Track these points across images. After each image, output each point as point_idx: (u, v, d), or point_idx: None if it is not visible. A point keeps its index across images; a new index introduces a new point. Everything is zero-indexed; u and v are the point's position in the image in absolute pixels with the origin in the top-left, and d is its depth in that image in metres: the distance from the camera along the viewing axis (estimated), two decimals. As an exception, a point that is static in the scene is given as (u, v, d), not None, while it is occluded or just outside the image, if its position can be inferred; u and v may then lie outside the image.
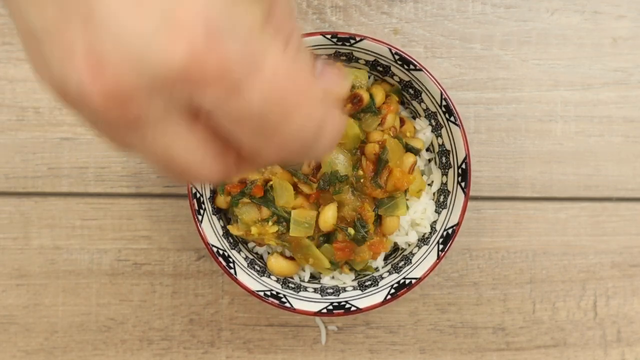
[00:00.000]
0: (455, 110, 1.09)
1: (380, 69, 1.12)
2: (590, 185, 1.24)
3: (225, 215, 1.15)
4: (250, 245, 1.16)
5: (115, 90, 0.53)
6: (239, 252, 1.13)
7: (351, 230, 1.08)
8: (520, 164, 1.24)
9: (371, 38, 1.09)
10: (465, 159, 1.10)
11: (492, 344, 1.24)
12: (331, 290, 1.13)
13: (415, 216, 1.13)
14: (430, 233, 1.13)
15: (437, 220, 1.13)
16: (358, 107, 1.08)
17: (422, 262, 1.11)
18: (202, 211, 1.10)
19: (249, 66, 0.55)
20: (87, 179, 1.23)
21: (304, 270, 1.15)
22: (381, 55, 1.10)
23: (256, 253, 1.16)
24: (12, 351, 1.23)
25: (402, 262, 1.13)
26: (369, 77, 1.14)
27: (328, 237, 1.10)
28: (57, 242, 1.23)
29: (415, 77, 1.10)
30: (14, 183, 1.23)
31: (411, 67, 1.09)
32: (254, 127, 0.58)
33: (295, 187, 1.08)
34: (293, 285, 1.13)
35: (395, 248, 1.17)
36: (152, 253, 1.23)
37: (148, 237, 1.23)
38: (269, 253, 1.15)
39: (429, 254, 1.11)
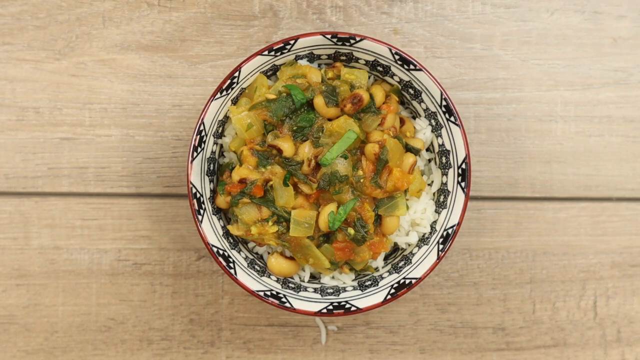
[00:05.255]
0: (455, 110, 1.10)
1: (380, 69, 1.12)
2: (590, 185, 1.24)
3: (225, 215, 1.15)
4: (250, 245, 1.16)
5: None
6: (239, 252, 1.13)
7: (351, 230, 1.08)
8: (520, 164, 1.24)
9: (371, 38, 1.09)
10: (465, 159, 1.10)
11: (492, 344, 1.24)
12: (331, 290, 1.13)
13: (415, 216, 1.13)
14: (430, 233, 1.13)
15: (437, 220, 1.13)
16: (358, 107, 1.08)
17: (422, 262, 1.11)
18: (202, 211, 1.10)
19: None
20: (87, 179, 1.23)
21: (304, 270, 1.15)
22: (381, 55, 1.10)
23: (256, 253, 1.16)
24: (12, 351, 1.23)
25: (402, 262, 1.14)
26: (369, 77, 1.15)
27: (328, 237, 1.10)
28: (57, 242, 1.23)
29: (415, 77, 1.10)
30: (14, 183, 1.23)
31: (411, 67, 1.10)
32: None
33: (295, 187, 1.08)
34: (293, 285, 1.13)
35: (395, 248, 1.17)
36: (152, 253, 1.23)
37: (148, 237, 1.23)
38: (269, 253, 1.15)
39: (428, 254, 1.11)
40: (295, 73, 1.11)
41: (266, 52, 1.08)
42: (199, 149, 1.09)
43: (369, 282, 1.13)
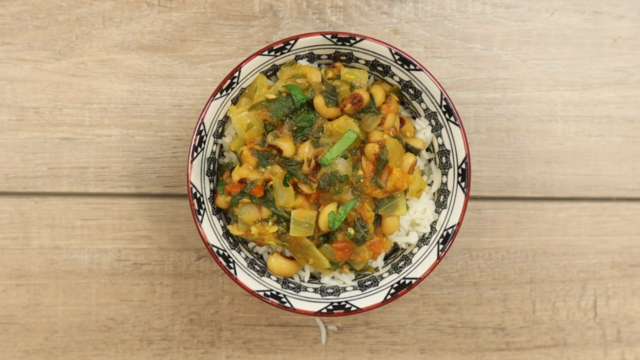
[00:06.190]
0: (455, 110, 1.10)
1: (380, 69, 1.12)
2: (590, 185, 1.24)
3: (225, 215, 1.15)
4: (250, 245, 1.16)
5: None
6: (239, 252, 1.13)
7: (351, 230, 1.08)
8: (520, 164, 1.24)
9: (371, 38, 1.09)
10: (465, 159, 1.10)
11: (492, 344, 1.24)
12: (331, 290, 1.13)
13: (415, 216, 1.13)
14: (430, 233, 1.13)
15: (437, 220, 1.13)
16: (358, 107, 1.08)
17: (422, 262, 1.11)
18: (202, 211, 1.10)
19: None
20: (87, 179, 1.23)
21: (304, 270, 1.15)
22: (381, 55, 1.10)
23: (256, 253, 1.16)
24: (12, 351, 1.23)
25: (402, 262, 1.14)
26: (369, 77, 1.15)
27: (328, 237, 1.10)
28: (57, 242, 1.23)
29: (415, 77, 1.11)
30: (14, 183, 1.23)
31: (411, 67, 1.10)
32: None
33: (295, 187, 1.08)
34: (293, 285, 1.13)
35: (395, 248, 1.17)
36: (152, 253, 1.23)
37: (148, 237, 1.23)
38: (269, 253, 1.15)
39: (428, 254, 1.11)
40: (295, 73, 1.11)
41: (266, 52, 1.08)
42: (199, 149, 1.09)
43: (369, 282, 1.13)
